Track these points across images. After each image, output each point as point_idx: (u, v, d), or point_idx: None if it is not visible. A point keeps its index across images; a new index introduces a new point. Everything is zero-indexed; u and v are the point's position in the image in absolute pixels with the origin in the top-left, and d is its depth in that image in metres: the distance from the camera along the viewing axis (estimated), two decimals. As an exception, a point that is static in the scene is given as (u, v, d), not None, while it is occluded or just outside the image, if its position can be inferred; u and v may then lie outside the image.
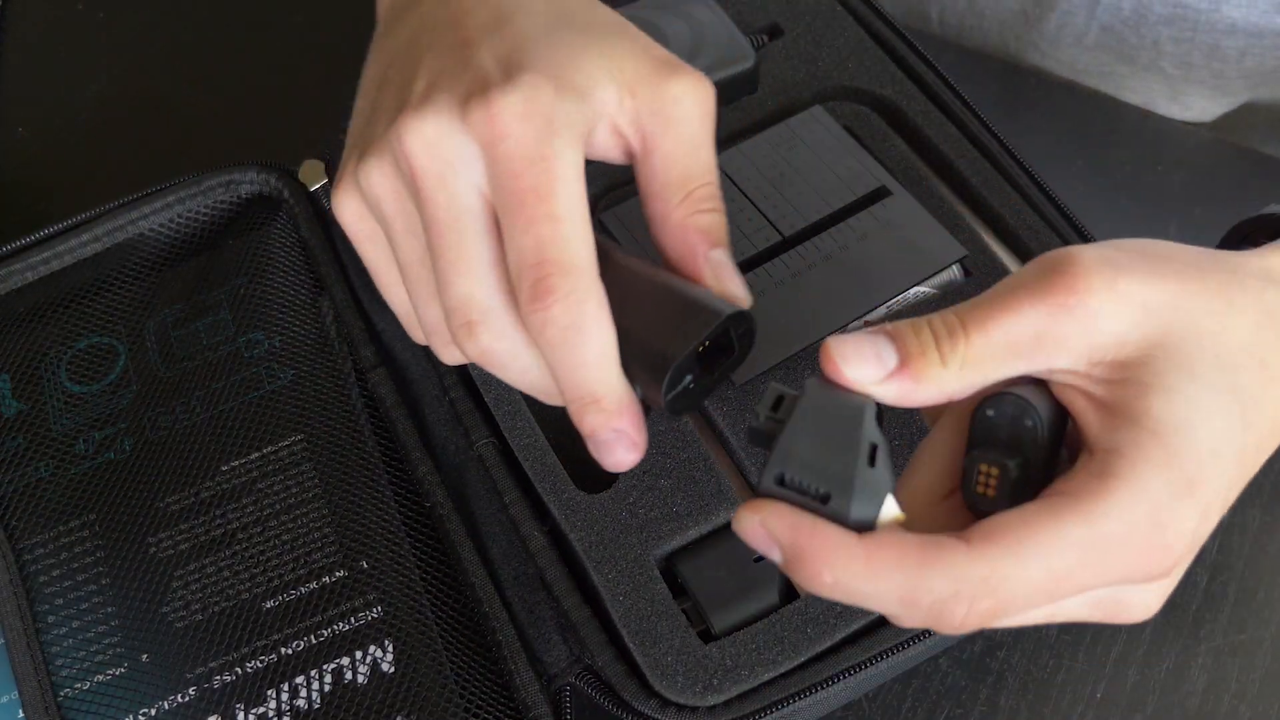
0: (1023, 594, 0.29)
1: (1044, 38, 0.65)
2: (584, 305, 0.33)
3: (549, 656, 0.45)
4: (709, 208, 0.36)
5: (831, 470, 0.30)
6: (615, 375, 0.34)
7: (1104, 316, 0.30)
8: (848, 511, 0.30)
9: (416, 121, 0.34)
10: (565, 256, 0.33)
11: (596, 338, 0.34)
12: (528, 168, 0.33)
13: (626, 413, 0.35)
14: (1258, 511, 0.50)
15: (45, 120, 0.66)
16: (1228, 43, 0.60)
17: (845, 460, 0.30)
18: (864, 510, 0.30)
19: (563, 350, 0.34)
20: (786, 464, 0.30)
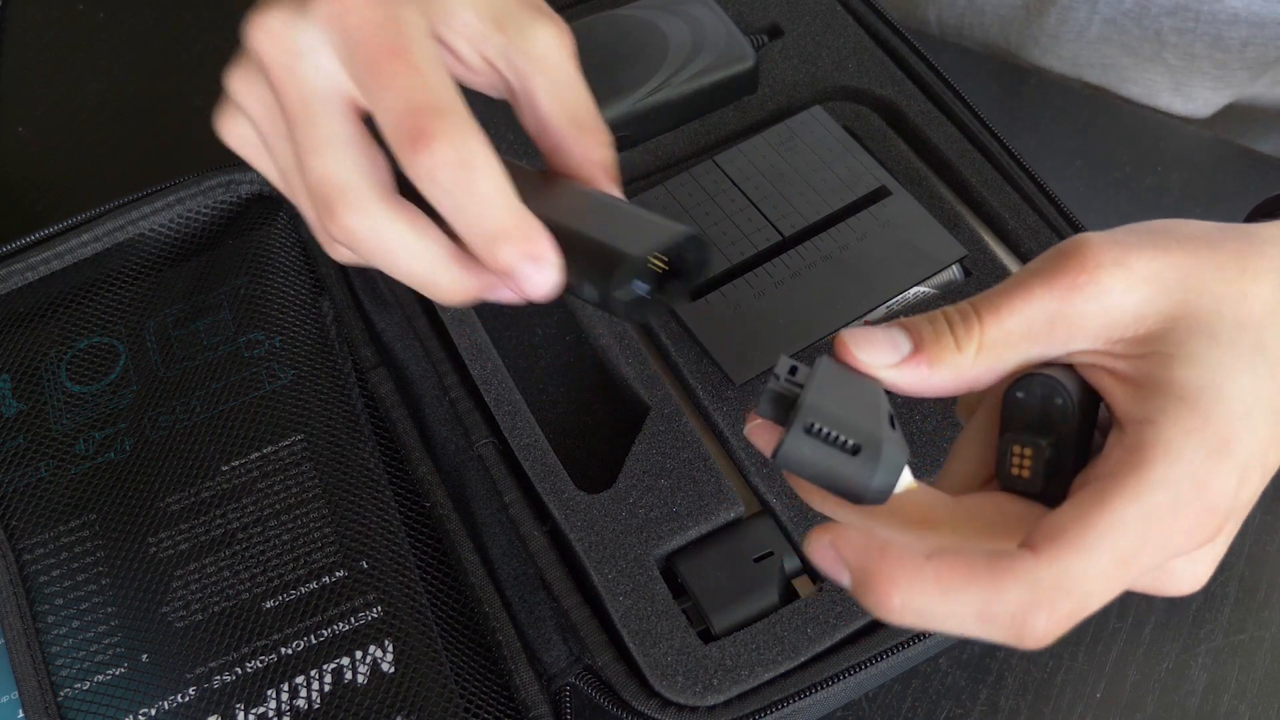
0: (1098, 587, 0.29)
1: (1045, 32, 0.65)
2: (468, 141, 0.33)
3: (549, 656, 0.45)
4: (603, 142, 0.37)
5: (861, 426, 0.30)
6: (519, 205, 0.34)
7: (1116, 293, 0.31)
8: (876, 465, 0.30)
9: (260, 18, 0.35)
10: (436, 99, 0.33)
11: (489, 170, 0.33)
12: (377, 31, 0.34)
13: (539, 238, 0.34)
14: (1258, 511, 0.50)
15: (45, 120, 0.66)
16: (1230, 33, 0.60)
17: (872, 418, 0.30)
18: (889, 471, 0.30)
19: (458, 191, 0.33)
20: (816, 415, 0.30)
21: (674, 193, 0.51)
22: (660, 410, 0.47)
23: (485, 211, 0.34)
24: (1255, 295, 0.31)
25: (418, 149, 0.33)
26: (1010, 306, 0.31)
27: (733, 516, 0.45)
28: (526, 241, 0.34)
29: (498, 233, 0.34)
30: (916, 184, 0.52)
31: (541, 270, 0.34)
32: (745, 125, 0.55)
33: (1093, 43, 0.64)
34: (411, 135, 0.33)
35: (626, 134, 0.53)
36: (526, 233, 0.34)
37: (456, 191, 0.33)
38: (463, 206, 0.34)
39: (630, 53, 0.54)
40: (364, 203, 0.35)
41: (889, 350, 0.32)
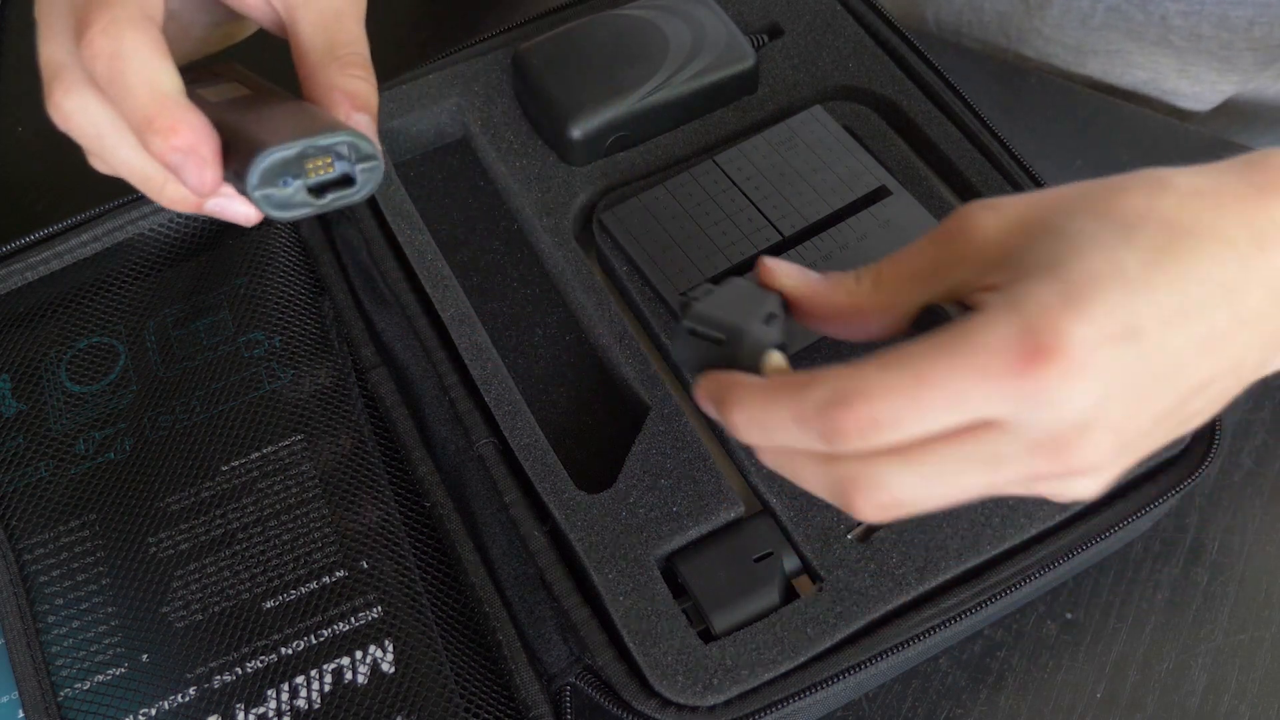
0: (893, 396, 0.30)
1: (1047, 23, 0.64)
2: (122, 32, 0.34)
3: (549, 656, 0.45)
4: (357, 75, 0.38)
5: (731, 322, 0.37)
6: (166, 97, 0.35)
7: (985, 229, 0.33)
8: (738, 350, 0.37)
9: None
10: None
11: (139, 61, 0.35)
12: None
13: (184, 130, 0.35)
14: (1258, 511, 0.50)
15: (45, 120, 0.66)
16: (1236, 12, 0.60)
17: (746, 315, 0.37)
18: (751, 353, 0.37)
19: (112, 82, 0.35)
20: (697, 319, 0.38)
21: (674, 193, 0.51)
22: (660, 410, 0.47)
23: (134, 102, 0.35)
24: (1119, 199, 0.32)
25: (80, 39, 0.35)
26: (902, 255, 0.35)
27: (733, 516, 0.45)
28: (172, 132, 0.34)
29: (144, 122, 0.35)
30: (916, 184, 0.52)
31: (190, 160, 0.35)
32: (745, 125, 0.55)
33: (1097, 30, 0.64)
34: (78, 27, 0.35)
35: (626, 134, 0.53)
36: (173, 123, 0.35)
37: (111, 83, 0.35)
38: (118, 97, 0.35)
39: (630, 53, 0.54)
40: (75, 83, 0.36)
41: (797, 273, 0.37)
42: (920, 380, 0.30)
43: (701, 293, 0.39)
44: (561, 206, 0.52)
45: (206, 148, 0.35)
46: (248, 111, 0.37)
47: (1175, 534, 0.50)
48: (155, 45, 0.35)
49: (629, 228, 0.51)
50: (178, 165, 0.35)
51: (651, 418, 0.47)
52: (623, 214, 0.51)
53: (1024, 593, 0.43)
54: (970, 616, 0.42)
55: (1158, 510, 0.45)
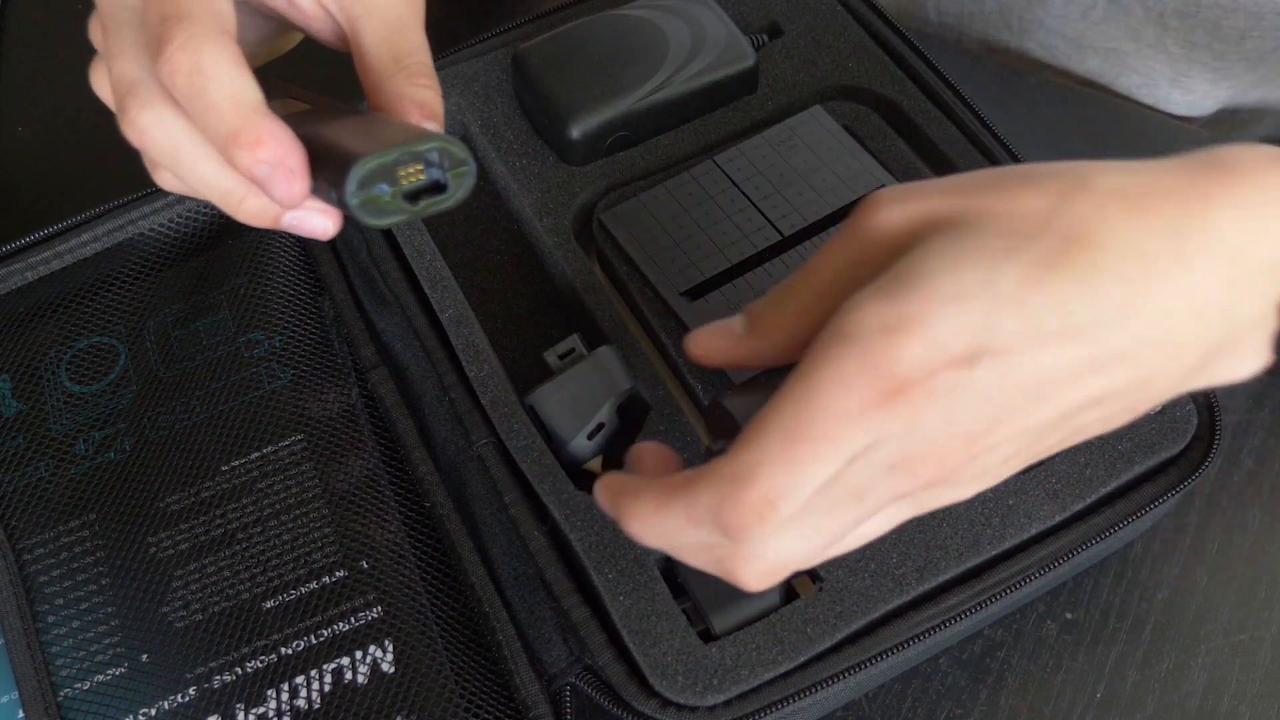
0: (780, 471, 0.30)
1: (1050, 13, 0.64)
2: (202, 47, 0.34)
3: (549, 656, 0.45)
4: (424, 83, 0.38)
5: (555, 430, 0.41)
6: (250, 110, 0.34)
7: (892, 221, 0.32)
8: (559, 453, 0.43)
9: None
10: (182, 9, 0.34)
11: (221, 76, 0.34)
12: None
13: (270, 142, 0.34)
14: (1258, 511, 0.50)
15: (45, 120, 0.66)
16: (1229, 22, 0.60)
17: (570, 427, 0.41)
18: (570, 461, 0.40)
19: (194, 97, 0.34)
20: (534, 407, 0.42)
21: (674, 193, 0.51)
22: (660, 410, 0.47)
23: (216, 117, 0.34)
24: (1028, 204, 0.31)
25: (159, 55, 0.34)
26: (816, 264, 0.33)
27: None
28: (258, 145, 0.34)
29: (229, 137, 0.34)
30: (916, 184, 0.52)
31: (278, 173, 0.34)
32: (745, 125, 0.55)
33: (1097, 24, 0.64)
34: (156, 43, 0.34)
35: (626, 134, 0.53)
36: (258, 136, 0.34)
37: (193, 97, 0.34)
38: (200, 112, 0.34)
39: (630, 53, 0.54)
40: (152, 99, 0.36)
41: (720, 336, 0.35)
42: (792, 438, 0.30)
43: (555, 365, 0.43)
44: (561, 206, 0.52)
45: (294, 159, 0.35)
46: (323, 122, 0.37)
47: (1175, 534, 0.50)
48: (235, 58, 0.35)
49: (629, 228, 0.51)
50: (265, 178, 0.35)
51: (651, 418, 0.47)
52: (623, 214, 0.51)
53: (1024, 593, 0.43)
54: (970, 616, 0.42)
55: (1158, 510, 0.45)
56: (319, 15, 0.39)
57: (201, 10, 0.35)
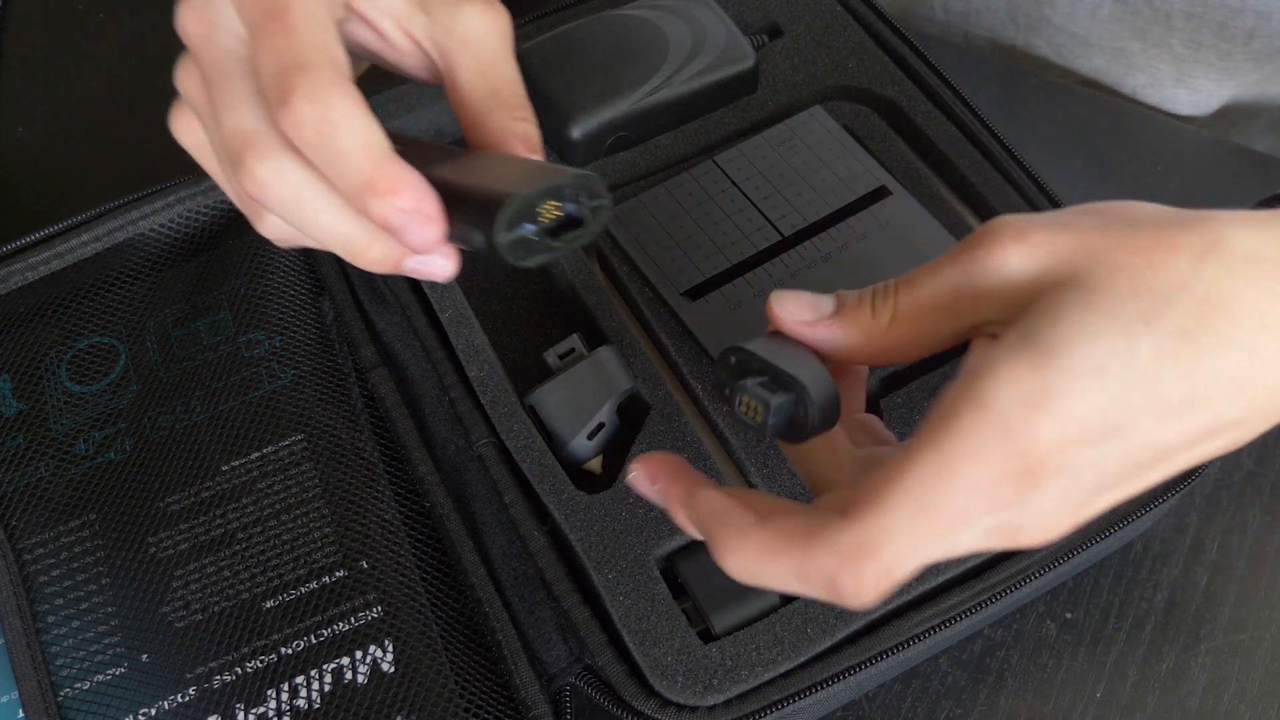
0: (905, 543, 0.29)
1: (1058, 11, 0.64)
2: (329, 96, 0.33)
3: (549, 656, 0.45)
4: (522, 116, 0.38)
5: (555, 430, 0.43)
6: (382, 157, 0.34)
7: (1011, 262, 0.31)
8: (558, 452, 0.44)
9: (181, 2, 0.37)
10: (301, 58, 0.34)
11: (350, 124, 0.33)
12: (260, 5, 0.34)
13: (404, 190, 0.34)
14: (1258, 511, 0.50)
15: (45, 120, 0.66)
16: (1236, 22, 0.60)
17: (569, 428, 0.42)
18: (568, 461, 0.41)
19: (323, 147, 0.34)
20: (534, 407, 0.44)
21: (674, 193, 0.51)
22: (660, 410, 0.47)
23: (349, 167, 0.34)
24: (1165, 266, 0.30)
25: (282, 107, 0.33)
26: (921, 280, 0.33)
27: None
28: (394, 193, 0.33)
29: (363, 186, 0.34)
30: (916, 184, 0.52)
31: (415, 220, 0.34)
32: (745, 125, 0.55)
33: (1104, 22, 0.63)
34: (277, 94, 0.33)
35: (626, 134, 0.53)
36: (394, 184, 0.33)
37: (322, 147, 0.34)
38: (329, 162, 0.34)
39: (630, 53, 0.54)
40: (272, 150, 0.35)
41: (808, 309, 0.34)
42: (923, 516, 0.29)
43: (555, 365, 0.43)
44: (561, 206, 0.52)
45: (430, 205, 0.34)
46: (436, 163, 0.36)
47: (1175, 534, 0.50)
48: (361, 105, 0.34)
49: (629, 228, 0.51)
50: (401, 226, 0.34)
51: (651, 418, 0.47)
52: (622, 214, 0.51)
53: (1024, 593, 0.43)
54: (970, 616, 0.42)
55: (1158, 510, 0.45)
56: (413, 51, 0.39)
57: (322, 58, 0.34)
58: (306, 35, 0.34)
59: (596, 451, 0.47)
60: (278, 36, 0.34)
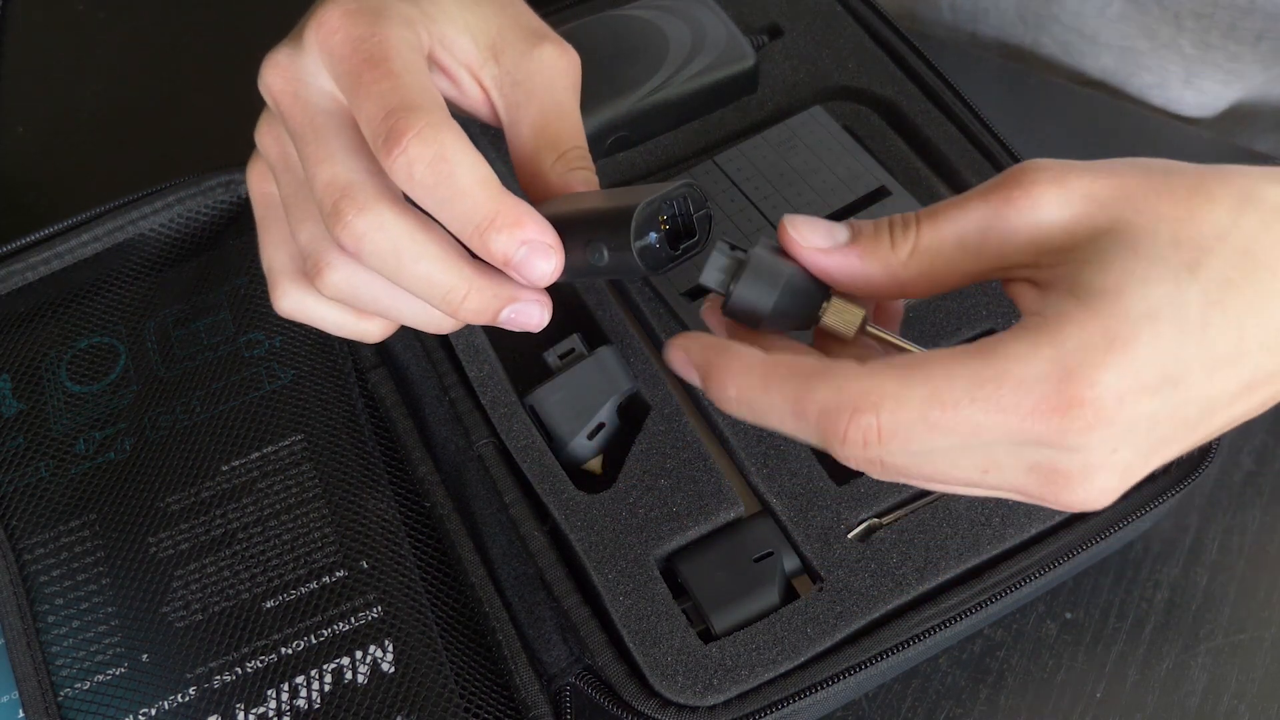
0: (904, 415, 0.29)
1: (1066, 9, 0.64)
2: (441, 135, 0.33)
3: (549, 656, 0.45)
4: (583, 165, 0.38)
5: (555, 429, 0.44)
6: (502, 192, 0.34)
7: (1048, 209, 0.31)
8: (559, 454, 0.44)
9: (270, 56, 0.37)
10: (409, 100, 0.34)
11: (466, 162, 0.33)
12: (358, 47, 0.35)
13: (528, 221, 0.34)
14: (1258, 512, 0.50)
15: (45, 120, 0.66)
16: (1245, 23, 0.60)
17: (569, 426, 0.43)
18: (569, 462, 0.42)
19: (438, 186, 0.33)
20: (534, 408, 0.44)
21: (674, 193, 0.51)
22: (660, 410, 0.47)
23: (468, 203, 0.34)
24: (1204, 216, 0.30)
25: (392, 149, 0.33)
26: (947, 215, 0.32)
27: (733, 516, 0.45)
28: (517, 226, 0.34)
29: (483, 221, 0.34)
30: (916, 184, 0.52)
31: (537, 251, 0.34)
32: (745, 125, 0.55)
33: (1113, 21, 0.63)
34: (386, 138, 0.33)
35: (626, 134, 0.53)
36: (516, 216, 0.34)
37: (437, 187, 0.33)
38: (446, 201, 0.34)
39: (630, 53, 0.54)
40: (370, 201, 0.35)
41: (824, 236, 0.33)
42: (938, 402, 0.29)
43: (555, 365, 0.44)
44: (561, 206, 0.52)
45: (551, 235, 0.34)
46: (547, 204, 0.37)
47: (1175, 534, 0.50)
48: (470, 144, 0.34)
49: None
50: (523, 260, 0.34)
51: (651, 418, 0.47)
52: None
53: (1024, 593, 0.43)
54: (970, 616, 0.42)
55: (1158, 510, 0.45)
56: (481, 98, 0.39)
57: (428, 99, 0.34)
58: (409, 79, 0.34)
59: (596, 451, 0.47)
60: (381, 82, 0.34)
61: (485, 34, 0.38)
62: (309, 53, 0.36)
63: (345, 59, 0.35)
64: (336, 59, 0.35)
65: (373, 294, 0.37)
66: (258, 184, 0.41)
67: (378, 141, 0.34)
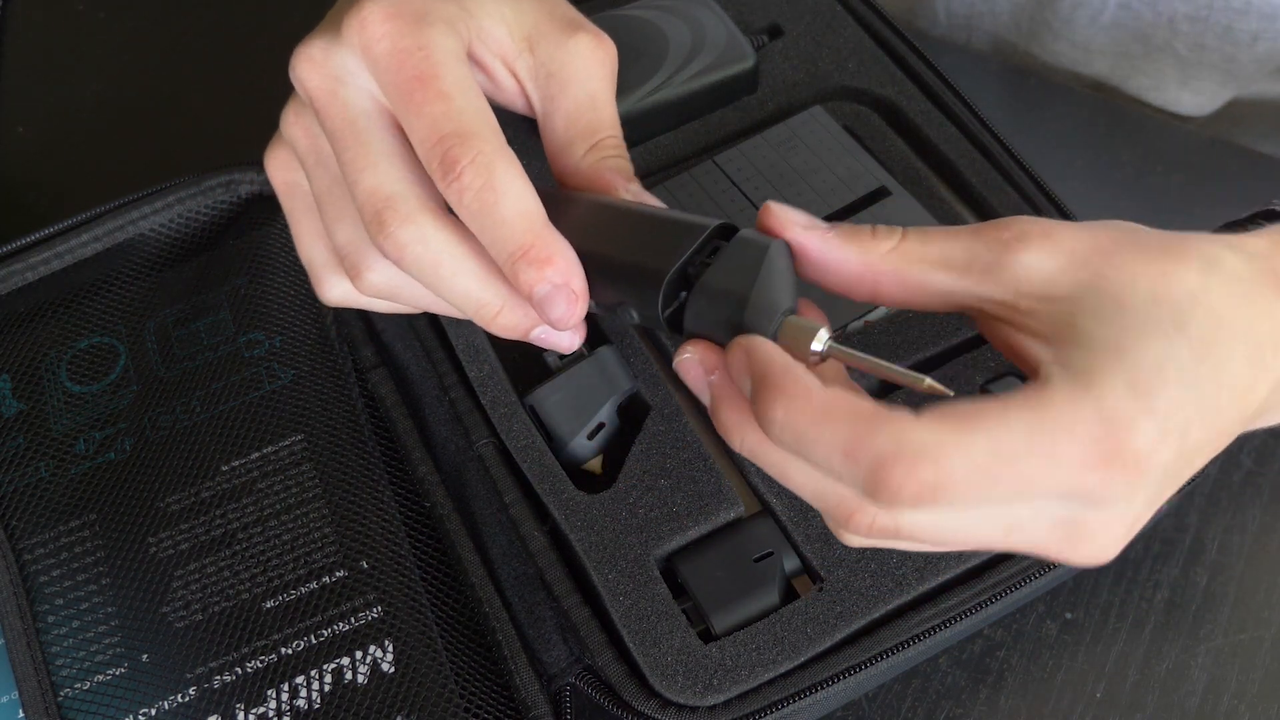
0: (964, 469, 0.29)
1: (1059, 16, 0.64)
2: (492, 164, 0.34)
3: (549, 656, 0.45)
4: (617, 154, 0.38)
5: (555, 429, 0.43)
6: (541, 227, 0.34)
7: (1034, 255, 0.32)
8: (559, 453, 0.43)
9: (303, 48, 0.36)
10: (461, 125, 0.34)
11: (512, 192, 0.34)
12: (406, 59, 0.34)
13: (560, 261, 0.34)
14: (1258, 511, 0.50)
15: (45, 120, 0.66)
16: (1241, 24, 0.60)
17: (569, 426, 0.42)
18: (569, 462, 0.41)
19: (483, 214, 0.34)
20: (534, 407, 0.42)
21: (674, 193, 0.51)
22: (660, 410, 0.47)
23: (504, 233, 0.34)
24: (1176, 276, 0.31)
25: (447, 175, 0.34)
26: (936, 235, 0.33)
27: (733, 516, 0.45)
28: (548, 263, 0.34)
29: (515, 253, 0.34)
30: (916, 184, 0.52)
31: (560, 295, 0.34)
32: (745, 125, 0.55)
33: (1106, 28, 0.63)
34: (441, 162, 0.34)
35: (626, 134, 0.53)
36: (549, 254, 0.34)
37: (481, 214, 0.34)
38: (487, 228, 0.34)
39: (630, 53, 0.54)
40: (414, 213, 0.35)
41: (803, 219, 0.34)
42: (998, 456, 0.29)
43: (555, 365, 0.44)
44: (561, 206, 0.52)
45: (578, 282, 0.34)
46: (582, 226, 0.36)
47: (1175, 534, 0.50)
48: (522, 174, 0.35)
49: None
50: (545, 297, 0.34)
51: (651, 418, 0.47)
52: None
53: (1024, 593, 0.43)
54: (970, 616, 0.42)
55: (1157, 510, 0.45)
56: (515, 90, 0.39)
57: (481, 124, 0.34)
58: (462, 101, 0.34)
59: (596, 451, 0.47)
60: (433, 103, 0.34)
61: (521, 25, 0.38)
62: (348, 50, 0.36)
63: (393, 71, 0.35)
64: (382, 69, 0.35)
65: (413, 294, 0.38)
66: (281, 172, 0.40)
67: (431, 165, 0.34)
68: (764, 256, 0.33)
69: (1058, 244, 0.32)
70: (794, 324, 0.33)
